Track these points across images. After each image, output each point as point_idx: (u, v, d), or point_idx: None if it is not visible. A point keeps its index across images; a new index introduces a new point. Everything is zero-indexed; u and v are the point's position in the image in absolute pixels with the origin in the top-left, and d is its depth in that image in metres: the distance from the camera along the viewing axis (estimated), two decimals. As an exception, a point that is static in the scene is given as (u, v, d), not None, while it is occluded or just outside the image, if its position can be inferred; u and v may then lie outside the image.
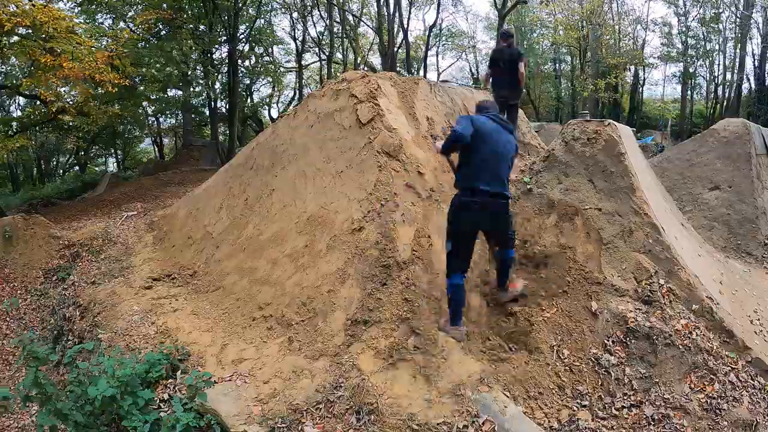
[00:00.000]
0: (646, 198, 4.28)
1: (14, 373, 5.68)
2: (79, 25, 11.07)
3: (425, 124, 5.65)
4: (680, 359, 3.56)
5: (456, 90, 7.01)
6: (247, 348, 4.14)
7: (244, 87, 23.67)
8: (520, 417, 3.21)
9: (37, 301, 6.85)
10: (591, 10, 23.33)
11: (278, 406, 3.34)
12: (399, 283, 4.01)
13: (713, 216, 6.81)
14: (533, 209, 4.74)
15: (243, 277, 5.22)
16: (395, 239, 4.25)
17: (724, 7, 24.35)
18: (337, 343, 3.83)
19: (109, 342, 4.57)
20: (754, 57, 24.28)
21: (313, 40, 25.74)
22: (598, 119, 4.76)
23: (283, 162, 5.92)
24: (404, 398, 3.31)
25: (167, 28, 14.75)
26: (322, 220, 4.92)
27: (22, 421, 4.82)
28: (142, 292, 5.59)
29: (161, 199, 11.02)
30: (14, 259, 7.48)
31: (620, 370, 3.54)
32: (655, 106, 30.82)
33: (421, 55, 27.52)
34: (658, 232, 4.08)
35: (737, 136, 7.01)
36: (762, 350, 3.68)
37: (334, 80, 5.77)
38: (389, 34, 20.21)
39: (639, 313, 3.74)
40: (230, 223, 6.22)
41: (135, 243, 7.49)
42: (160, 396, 3.70)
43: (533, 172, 4.95)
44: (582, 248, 4.29)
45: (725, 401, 3.39)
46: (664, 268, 3.96)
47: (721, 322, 3.73)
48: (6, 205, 15.52)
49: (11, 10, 8.49)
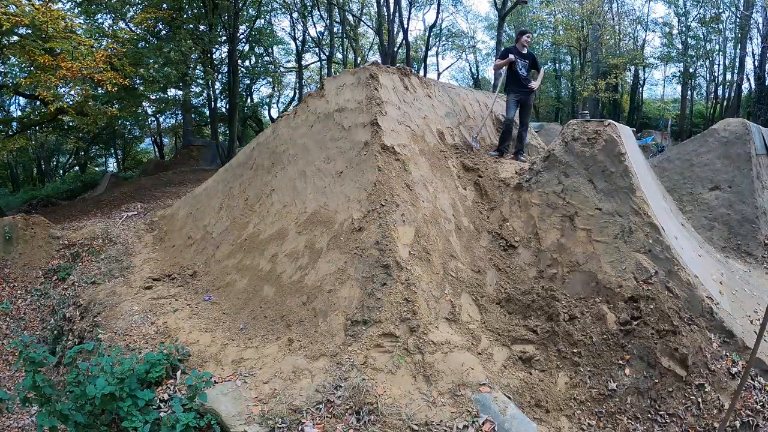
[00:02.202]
0: (646, 198, 4.27)
1: (14, 373, 5.68)
2: (79, 25, 11.07)
3: (424, 123, 5.65)
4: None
5: (456, 90, 7.00)
6: (247, 348, 4.14)
7: (244, 87, 23.69)
8: (520, 417, 3.21)
9: (37, 301, 6.85)
10: (591, 10, 23.32)
11: (278, 406, 3.33)
12: (399, 283, 4.00)
13: (713, 216, 6.82)
14: (534, 209, 4.74)
15: (243, 277, 5.21)
16: (395, 239, 4.25)
17: (724, 7, 24.36)
18: (337, 343, 3.83)
19: (109, 342, 4.56)
20: (754, 57, 24.29)
21: (313, 40, 25.77)
22: (598, 119, 4.76)
23: (283, 162, 5.92)
24: (404, 398, 3.31)
25: (167, 28, 14.74)
26: (322, 220, 4.91)
27: (22, 421, 4.81)
28: (142, 292, 5.59)
29: (161, 199, 11.02)
30: (14, 259, 7.48)
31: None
32: (655, 106, 30.83)
33: (421, 55, 27.52)
34: (658, 232, 4.08)
35: (737, 136, 7.01)
36: (762, 350, 3.68)
37: (332, 77, 5.76)
38: (389, 34, 20.20)
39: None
40: (230, 223, 6.22)
41: (135, 243, 7.48)
42: (160, 396, 3.70)
43: (533, 172, 4.95)
44: (582, 248, 4.29)
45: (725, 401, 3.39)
46: (664, 268, 3.95)
47: (721, 322, 3.73)
48: (6, 205, 15.54)
49: (11, 10, 8.48)
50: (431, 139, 5.58)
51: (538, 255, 4.52)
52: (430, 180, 5.07)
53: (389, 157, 4.80)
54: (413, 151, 5.13)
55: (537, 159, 5.25)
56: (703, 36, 26.12)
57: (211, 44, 15.82)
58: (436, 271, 4.27)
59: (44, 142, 24.21)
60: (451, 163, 5.59)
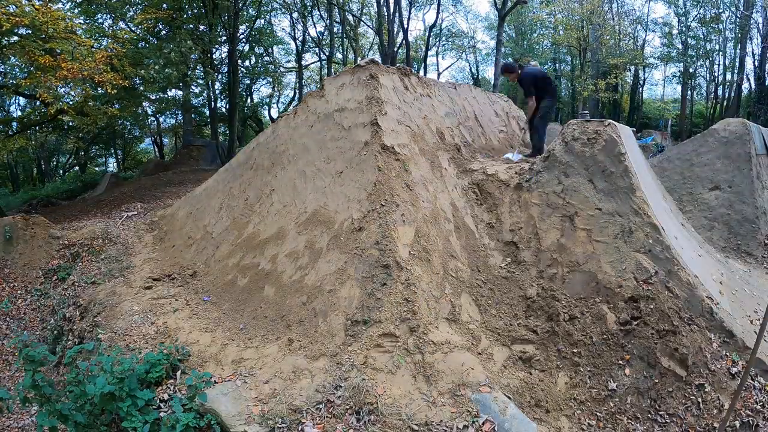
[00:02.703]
0: (646, 198, 4.27)
1: (14, 373, 5.68)
2: (79, 26, 11.07)
3: (424, 123, 5.65)
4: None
5: (457, 90, 7.00)
6: (247, 348, 4.14)
7: (244, 87, 23.69)
8: (520, 417, 3.21)
9: (37, 301, 6.85)
10: (591, 10, 23.33)
11: (278, 406, 3.33)
12: (399, 283, 4.00)
13: (713, 216, 6.82)
14: (534, 209, 4.74)
15: (243, 277, 5.21)
16: (395, 239, 4.25)
17: (724, 7, 24.37)
18: (337, 343, 3.83)
19: (109, 342, 4.56)
20: (754, 57, 24.31)
21: (313, 40, 25.79)
22: (598, 119, 4.76)
23: (283, 162, 5.92)
24: (404, 398, 3.31)
25: (167, 28, 14.75)
26: (322, 220, 4.91)
27: (22, 421, 4.81)
28: (142, 292, 5.59)
29: (161, 199, 11.02)
30: (14, 259, 7.47)
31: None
32: (655, 106, 30.84)
33: (421, 55, 27.52)
34: (658, 232, 4.08)
35: (737, 136, 7.02)
36: (762, 350, 3.68)
37: (332, 76, 5.76)
38: (389, 34, 20.21)
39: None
40: (230, 223, 6.22)
41: (135, 243, 7.49)
42: (160, 396, 3.70)
43: (533, 172, 4.95)
44: (582, 248, 4.29)
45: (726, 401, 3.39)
46: (664, 268, 3.95)
47: (721, 322, 3.73)
48: (6, 205, 15.55)
49: (11, 10, 8.48)
50: (431, 138, 5.58)
51: (538, 255, 4.52)
52: (430, 180, 5.07)
53: (389, 157, 4.80)
54: (413, 151, 5.13)
55: (537, 159, 5.25)
56: (703, 36, 26.14)
57: (211, 44, 15.83)
58: (436, 271, 4.27)
59: (44, 142, 24.22)
60: (452, 163, 5.59)
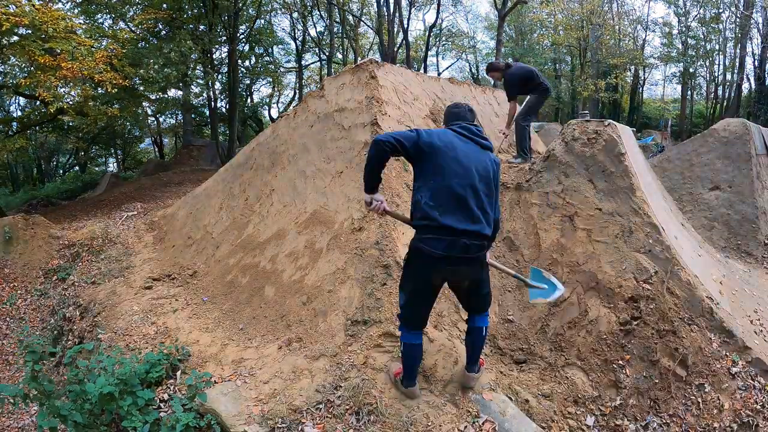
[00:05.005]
0: (646, 198, 4.27)
1: (14, 373, 5.68)
2: (79, 26, 11.06)
3: (425, 123, 5.65)
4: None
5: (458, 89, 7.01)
6: (247, 348, 4.14)
7: (244, 87, 23.71)
8: (520, 417, 3.21)
9: (37, 301, 6.85)
10: (591, 10, 23.35)
11: (278, 406, 3.33)
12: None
13: (713, 216, 6.82)
14: (534, 209, 4.74)
15: (243, 277, 5.21)
16: (395, 239, 4.25)
17: (724, 7, 24.38)
18: (337, 343, 3.83)
19: (109, 342, 4.56)
20: (754, 57, 24.31)
21: (313, 40, 25.80)
22: (598, 119, 4.76)
23: (283, 162, 5.92)
24: (404, 398, 3.31)
25: (167, 28, 14.75)
26: (322, 220, 4.91)
27: (22, 421, 4.81)
28: (142, 292, 5.59)
29: (161, 199, 11.02)
30: (14, 259, 7.48)
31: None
32: (655, 106, 30.86)
33: (421, 55, 27.53)
34: (658, 232, 4.08)
35: (737, 136, 7.02)
36: (762, 350, 3.68)
37: (332, 76, 5.76)
38: (389, 34, 20.22)
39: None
40: (230, 223, 6.22)
41: (135, 243, 7.49)
42: (160, 396, 3.70)
43: (533, 172, 4.95)
44: (582, 248, 4.29)
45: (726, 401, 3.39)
46: (664, 268, 3.95)
47: (721, 322, 3.73)
48: (6, 205, 15.57)
49: (10, 10, 8.48)
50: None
51: (538, 255, 4.52)
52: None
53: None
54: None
55: (537, 159, 5.25)
56: (703, 36, 26.14)
57: (211, 44, 15.82)
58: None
59: (44, 142, 24.25)
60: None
